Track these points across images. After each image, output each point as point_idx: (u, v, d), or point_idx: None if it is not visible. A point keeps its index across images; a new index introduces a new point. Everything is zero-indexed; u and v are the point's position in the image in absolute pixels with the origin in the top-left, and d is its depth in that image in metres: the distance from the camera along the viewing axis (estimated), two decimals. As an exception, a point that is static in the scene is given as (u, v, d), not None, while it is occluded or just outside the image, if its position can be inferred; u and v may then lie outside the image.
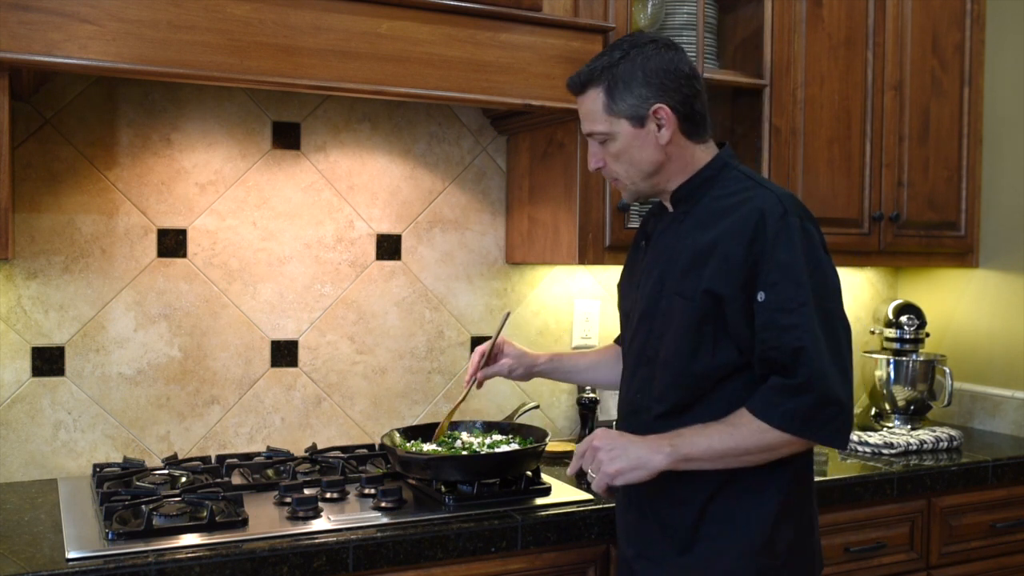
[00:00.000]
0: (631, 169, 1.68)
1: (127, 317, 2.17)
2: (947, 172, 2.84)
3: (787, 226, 1.55)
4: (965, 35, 2.86)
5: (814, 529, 1.69)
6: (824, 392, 1.52)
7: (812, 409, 1.52)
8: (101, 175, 2.15)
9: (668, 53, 1.65)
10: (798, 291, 1.53)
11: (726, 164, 1.69)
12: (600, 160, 1.70)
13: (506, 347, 1.99)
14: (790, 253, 1.54)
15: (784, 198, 1.59)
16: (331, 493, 1.92)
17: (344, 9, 1.90)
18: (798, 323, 1.52)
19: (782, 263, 1.53)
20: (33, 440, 2.10)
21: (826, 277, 1.58)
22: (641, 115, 1.63)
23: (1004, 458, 2.49)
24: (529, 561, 1.85)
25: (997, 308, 2.90)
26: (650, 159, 1.66)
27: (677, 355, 1.63)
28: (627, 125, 1.64)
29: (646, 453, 1.54)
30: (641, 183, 1.69)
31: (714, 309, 1.58)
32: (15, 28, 1.64)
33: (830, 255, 1.63)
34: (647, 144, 1.65)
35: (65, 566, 1.52)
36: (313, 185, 2.35)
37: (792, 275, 1.53)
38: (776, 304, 1.53)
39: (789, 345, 1.52)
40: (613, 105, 1.63)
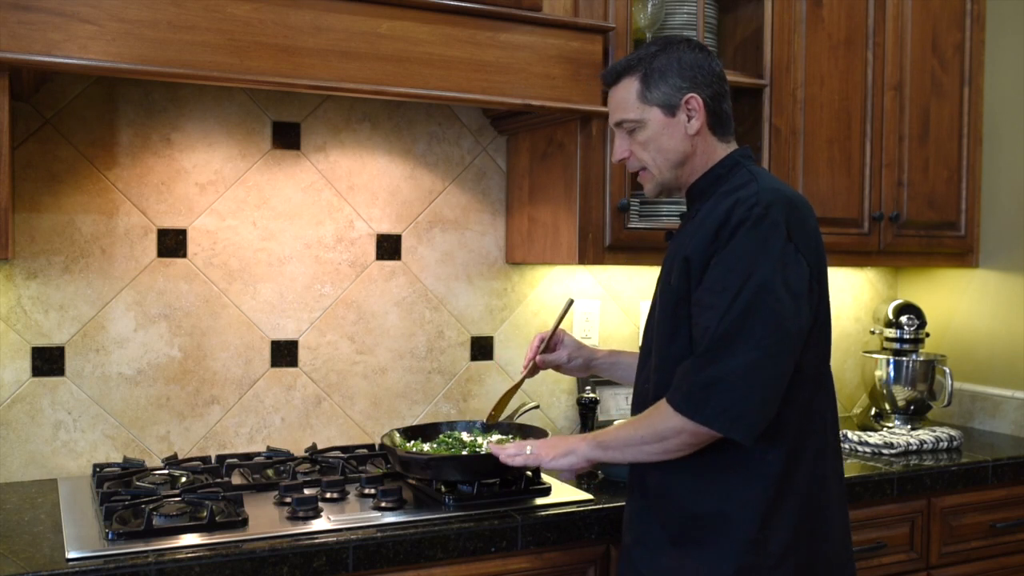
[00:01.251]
0: (659, 157, 1.72)
1: (127, 317, 2.17)
2: (947, 172, 2.84)
3: (751, 215, 1.55)
4: (965, 35, 2.86)
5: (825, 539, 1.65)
6: (713, 376, 1.50)
7: (704, 391, 1.51)
8: (101, 175, 2.15)
9: (700, 52, 1.72)
10: (728, 276, 1.54)
11: (737, 163, 1.71)
12: (626, 151, 1.75)
13: (565, 337, 2.02)
14: (742, 239, 1.55)
15: (764, 191, 1.59)
16: (331, 493, 1.92)
17: (344, 9, 1.90)
18: (714, 304, 1.53)
19: (730, 248, 1.55)
20: (33, 440, 2.10)
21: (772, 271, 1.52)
22: (674, 104, 1.68)
23: (1004, 458, 2.49)
24: (529, 561, 1.85)
25: (997, 308, 2.91)
26: (678, 148, 1.70)
27: (661, 341, 1.68)
28: (659, 113, 1.69)
29: (575, 442, 1.72)
30: (667, 173, 1.73)
31: (687, 292, 1.62)
32: (15, 28, 1.64)
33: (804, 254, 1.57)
34: (676, 133, 1.69)
35: (65, 566, 1.52)
36: (313, 185, 2.35)
37: (731, 261, 1.54)
38: (708, 284, 1.57)
39: (702, 324, 1.55)
40: (647, 93, 1.69)
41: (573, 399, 2.66)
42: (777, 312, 1.52)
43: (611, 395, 2.67)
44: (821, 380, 1.66)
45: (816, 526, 1.65)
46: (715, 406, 1.51)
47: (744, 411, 1.51)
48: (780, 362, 1.53)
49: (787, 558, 1.60)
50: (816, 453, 1.65)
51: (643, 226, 2.33)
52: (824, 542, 1.66)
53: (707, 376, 1.51)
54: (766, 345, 1.51)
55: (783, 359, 1.54)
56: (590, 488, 2.06)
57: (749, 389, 1.50)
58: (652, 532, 1.68)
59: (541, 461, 1.75)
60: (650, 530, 1.69)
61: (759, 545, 1.58)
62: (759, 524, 1.58)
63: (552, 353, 2.00)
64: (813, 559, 1.64)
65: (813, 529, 1.64)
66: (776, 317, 1.52)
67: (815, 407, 1.64)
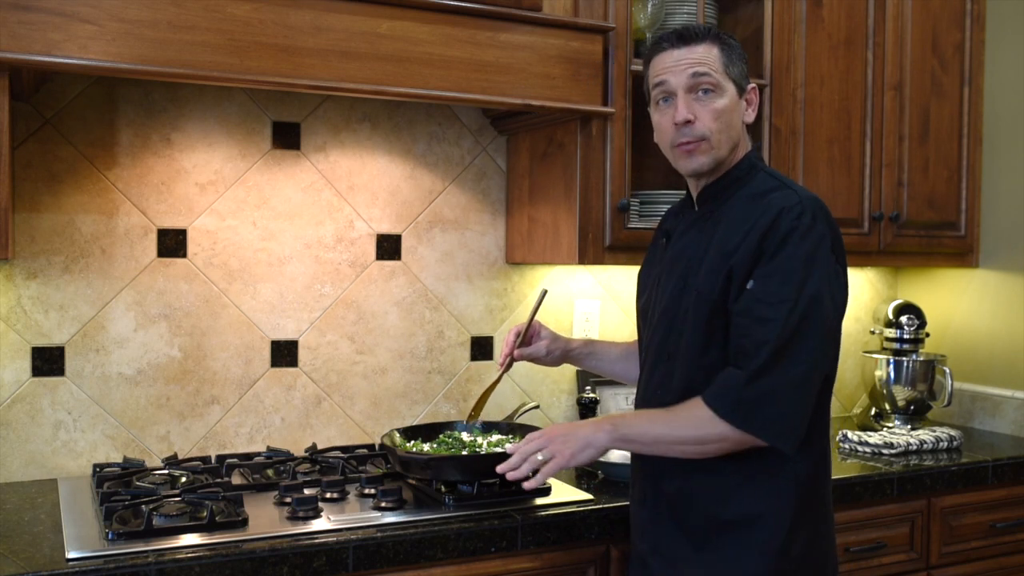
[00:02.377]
0: (725, 132, 1.66)
1: (127, 317, 2.17)
2: (947, 172, 2.84)
3: (799, 225, 1.55)
4: (965, 35, 2.86)
5: (830, 531, 1.69)
6: (772, 389, 1.51)
7: (756, 402, 1.51)
8: (101, 175, 2.15)
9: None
10: (783, 288, 1.52)
11: (754, 165, 1.70)
12: (690, 113, 1.64)
13: (542, 330, 2.00)
14: (793, 249, 1.54)
15: (806, 199, 1.60)
16: (331, 493, 1.92)
17: (344, 9, 1.90)
18: (773, 318, 1.52)
19: (781, 258, 1.54)
20: (33, 440, 2.10)
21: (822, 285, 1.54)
22: (743, 86, 1.69)
23: (1004, 458, 2.49)
24: (529, 561, 1.85)
25: (997, 308, 2.90)
26: (737, 131, 1.69)
27: (692, 350, 1.64)
28: (734, 89, 1.67)
29: (591, 432, 1.62)
30: (724, 150, 1.67)
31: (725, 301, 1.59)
32: (15, 28, 1.64)
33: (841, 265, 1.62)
34: (738, 116, 1.69)
35: (65, 566, 1.52)
36: (313, 185, 2.35)
37: (788, 271, 1.53)
38: (760, 295, 1.54)
39: (757, 337, 1.52)
40: (730, 65, 1.66)
41: (573, 399, 2.66)
42: (825, 324, 1.55)
43: (611, 395, 2.67)
44: (830, 384, 1.67)
45: (828, 526, 1.68)
46: (766, 417, 1.52)
47: (793, 423, 1.53)
48: (823, 373, 1.57)
49: (807, 560, 1.61)
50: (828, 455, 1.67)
51: (643, 226, 2.33)
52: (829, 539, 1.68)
53: (760, 388, 1.51)
54: (814, 358, 1.53)
55: (824, 370, 1.58)
56: (590, 488, 2.06)
57: (799, 401, 1.53)
58: (672, 540, 1.67)
59: (562, 465, 1.63)
60: (669, 538, 1.67)
61: (784, 550, 1.59)
62: (788, 530, 1.58)
63: (530, 346, 1.98)
64: (825, 553, 1.66)
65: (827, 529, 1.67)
66: (824, 329, 1.55)
67: (826, 410, 1.66)
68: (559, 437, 1.64)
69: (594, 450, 1.62)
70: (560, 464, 1.62)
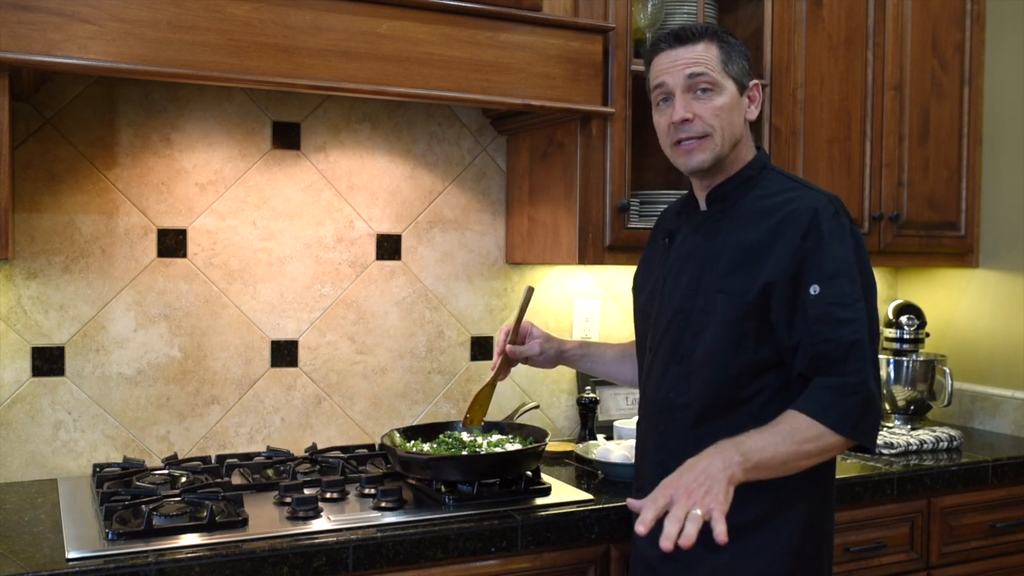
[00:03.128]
0: (729, 129, 1.65)
1: (127, 317, 2.17)
2: (947, 172, 2.84)
3: (839, 225, 1.58)
4: (965, 35, 2.86)
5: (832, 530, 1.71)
6: (872, 393, 1.53)
7: (862, 410, 1.52)
8: (101, 175, 2.15)
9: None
10: (854, 287, 1.55)
11: (765, 165, 1.71)
12: (689, 112, 1.63)
13: (533, 329, 1.99)
14: (845, 250, 1.57)
15: (833, 199, 1.63)
16: (331, 493, 1.92)
17: (344, 9, 1.90)
18: (855, 317, 1.54)
19: (839, 259, 1.56)
20: (33, 440, 2.10)
21: (872, 280, 1.61)
22: (744, 84, 1.68)
23: (1004, 458, 2.49)
24: (529, 561, 1.85)
25: (997, 308, 2.90)
26: (739, 128, 1.68)
27: (716, 352, 1.62)
28: (733, 87, 1.67)
29: (722, 468, 1.40)
30: (727, 146, 1.66)
31: (761, 304, 1.58)
32: (15, 28, 1.64)
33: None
34: (740, 113, 1.68)
35: (65, 566, 1.52)
36: (313, 185, 2.35)
37: (848, 271, 1.56)
38: (833, 298, 1.54)
39: (845, 339, 1.52)
40: (728, 64, 1.66)
41: (573, 399, 2.66)
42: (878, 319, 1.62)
43: (611, 395, 2.67)
44: None
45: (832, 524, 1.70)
46: (869, 423, 1.54)
47: (879, 424, 1.57)
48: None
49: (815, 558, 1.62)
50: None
51: (643, 226, 2.33)
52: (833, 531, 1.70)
53: (864, 396, 1.52)
54: (878, 351, 1.59)
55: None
56: (590, 488, 2.06)
57: (880, 397, 1.57)
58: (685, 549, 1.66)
59: (724, 512, 1.37)
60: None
61: (800, 550, 1.59)
62: (803, 530, 1.59)
63: (523, 347, 1.95)
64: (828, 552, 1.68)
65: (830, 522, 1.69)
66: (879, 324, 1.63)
67: None
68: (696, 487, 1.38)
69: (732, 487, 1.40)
70: (724, 512, 1.37)
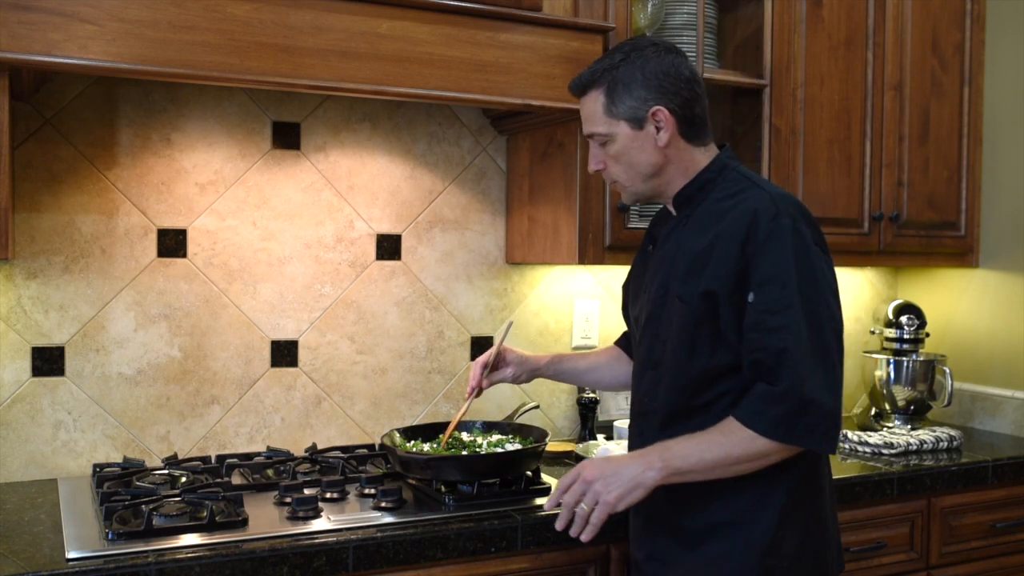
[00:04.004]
0: (630, 171, 1.69)
1: (127, 317, 2.17)
2: (947, 172, 2.84)
3: (778, 227, 1.54)
4: (965, 35, 2.86)
5: (826, 529, 1.68)
6: (806, 397, 1.51)
7: (795, 415, 1.51)
8: (101, 175, 2.15)
9: (668, 56, 1.66)
10: (784, 292, 1.52)
11: (725, 166, 1.70)
12: (600, 162, 1.72)
13: (508, 355, 2.00)
14: (779, 254, 1.53)
15: (778, 198, 1.59)
16: (331, 493, 1.92)
17: (344, 9, 1.90)
18: (783, 324, 1.51)
19: (771, 264, 1.54)
20: (33, 440, 2.10)
21: (817, 279, 1.56)
22: (640, 117, 1.64)
23: (1004, 458, 2.49)
24: (529, 561, 1.85)
25: (997, 308, 2.90)
26: (649, 161, 1.67)
27: (677, 358, 1.64)
28: (626, 127, 1.65)
29: (639, 471, 1.54)
30: (640, 185, 1.70)
31: (710, 310, 1.59)
32: (15, 28, 1.64)
33: (829, 255, 1.63)
34: (646, 146, 1.66)
35: (65, 566, 1.52)
36: (313, 185, 2.35)
37: (780, 276, 1.53)
38: (763, 305, 1.54)
39: (774, 347, 1.52)
40: (613, 107, 1.65)
41: (573, 399, 2.66)
42: (834, 319, 1.57)
43: (611, 395, 2.67)
44: None
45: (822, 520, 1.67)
46: (806, 427, 1.52)
47: (831, 425, 1.53)
48: (842, 365, 1.58)
49: (801, 555, 1.61)
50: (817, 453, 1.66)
51: (643, 226, 2.33)
52: (826, 531, 1.68)
53: (799, 400, 1.51)
54: (836, 356, 1.55)
55: (842, 361, 1.59)
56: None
57: (833, 403, 1.53)
58: (664, 544, 1.68)
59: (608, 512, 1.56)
60: (662, 543, 1.68)
61: (775, 547, 1.59)
62: (776, 528, 1.59)
63: (498, 372, 1.99)
64: (822, 551, 1.66)
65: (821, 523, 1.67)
66: (834, 323, 1.57)
67: None
68: (600, 479, 1.56)
69: (643, 492, 1.54)
70: (607, 512, 1.55)
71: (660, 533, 1.68)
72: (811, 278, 1.55)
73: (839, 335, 1.58)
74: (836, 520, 1.75)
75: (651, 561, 1.70)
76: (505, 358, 2.00)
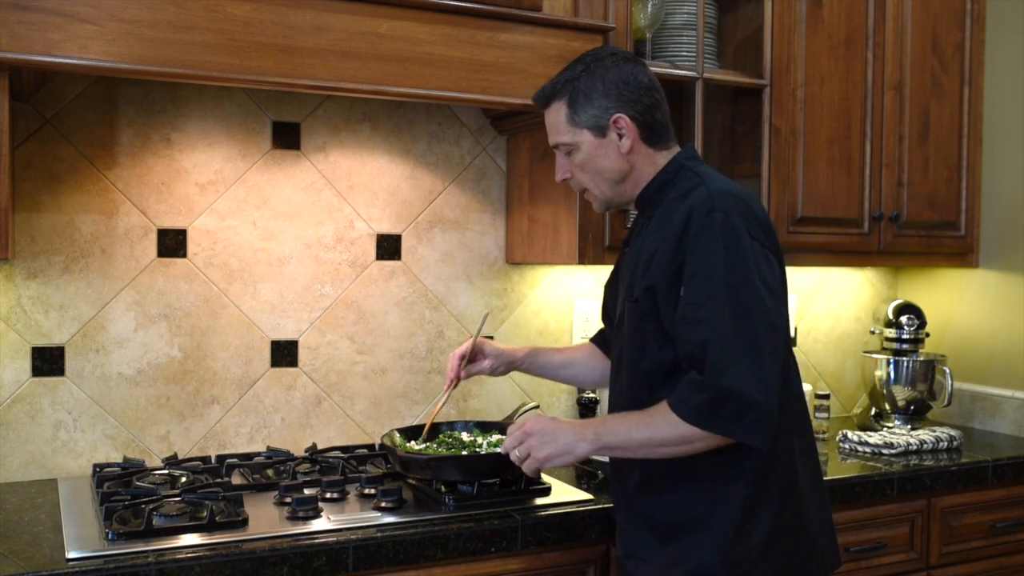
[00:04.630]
0: (596, 178, 1.74)
1: (127, 317, 2.17)
2: (947, 172, 2.84)
3: (710, 221, 1.56)
4: (965, 35, 2.86)
5: (807, 524, 1.67)
6: (727, 387, 1.51)
7: (716, 404, 1.52)
8: (101, 175, 2.15)
9: (627, 65, 1.71)
10: (709, 285, 1.54)
11: (681, 166, 1.73)
12: (567, 171, 1.77)
13: (485, 347, 2.02)
14: (707, 247, 1.56)
15: (716, 193, 1.61)
16: (331, 493, 1.92)
17: (344, 9, 1.90)
18: (705, 317, 1.53)
19: (698, 258, 1.56)
20: (33, 440, 2.10)
21: (747, 272, 1.55)
22: (602, 125, 1.69)
23: (1004, 458, 2.49)
24: (529, 561, 1.85)
25: (997, 308, 2.90)
26: (614, 167, 1.72)
27: (631, 355, 1.70)
28: (589, 135, 1.70)
29: (572, 440, 1.63)
30: (608, 191, 1.76)
31: (652, 307, 1.63)
32: (15, 28, 1.64)
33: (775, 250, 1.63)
34: (610, 153, 1.71)
35: (65, 566, 1.52)
36: (313, 185, 2.35)
37: (705, 270, 1.55)
38: (689, 298, 1.56)
39: (697, 338, 1.54)
40: (575, 116, 1.71)
41: (573, 399, 2.66)
42: (764, 311, 1.55)
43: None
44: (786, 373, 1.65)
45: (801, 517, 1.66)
46: (729, 416, 1.51)
47: (758, 416, 1.51)
48: (778, 358, 1.56)
49: (770, 550, 1.60)
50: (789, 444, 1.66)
51: (643, 226, 2.33)
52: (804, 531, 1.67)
53: (717, 389, 1.51)
54: (763, 345, 1.53)
55: (779, 355, 1.57)
56: (590, 488, 2.06)
57: (760, 394, 1.51)
58: (642, 541, 1.70)
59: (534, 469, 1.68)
60: (640, 540, 1.71)
61: (740, 540, 1.59)
62: (739, 521, 1.59)
63: (475, 364, 2.01)
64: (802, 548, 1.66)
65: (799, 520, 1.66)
66: (765, 316, 1.55)
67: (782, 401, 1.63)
68: (537, 434, 1.66)
69: (573, 458, 1.65)
70: (532, 468, 1.67)
71: (637, 529, 1.71)
72: (741, 271, 1.55)
73: (774, 328, 1.56)
74: (826, 516, 1.74)
75: (631, 558, 1.73)
76: (483, 350, 2.02)
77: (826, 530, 1.74)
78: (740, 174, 2.61)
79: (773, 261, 1.61)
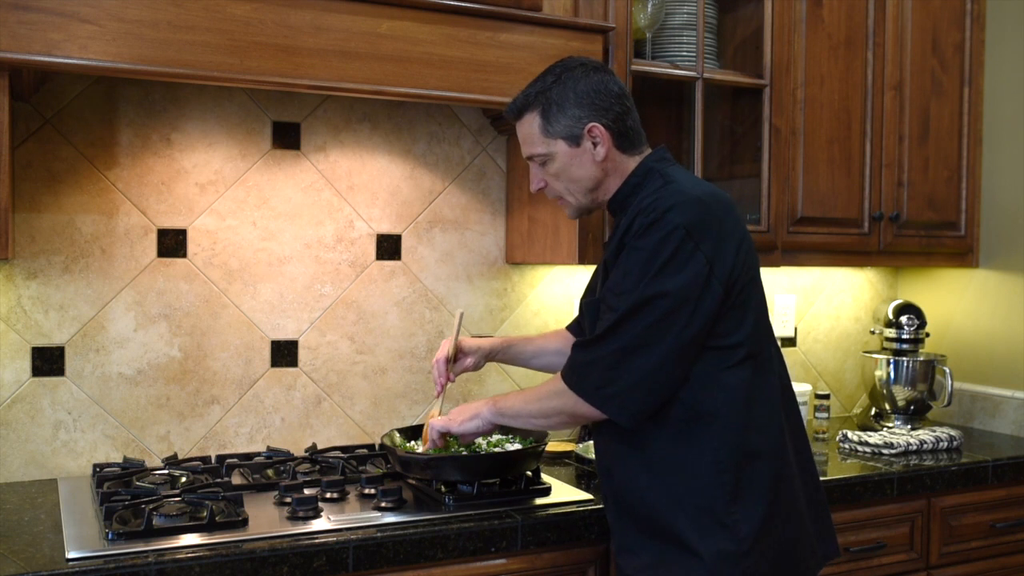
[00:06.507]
0: (572, 186, 1.76)
1: (127, 317, 2.17)
2: (947, 172, 2.84)
3: (649, 220, 1.59)
4: (965, 35, 2.87)
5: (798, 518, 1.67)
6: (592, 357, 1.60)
7: (582, 368, 1.62)
8: (101, 175, 2.15)
9: (597, 75, 1.73)
10: (625, 279, 1.59)
11: (650, 169, 1.74)
12: (541, 181, 1.79)
13: (464, 345, 2.04)
14: (641, 244, 1.59)
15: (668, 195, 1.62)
16: (331, 493, 1.92)
17: (344, 9, 1.90)
18: (615, 307, 1.59)
19: (628, 253, 1.61)
20: (33, 440, 2.10)
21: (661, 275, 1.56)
22: (576, 134, 1.71)
23: (1004, 458, 2.49)
24: (529, 561, 1.85)
25: (997, 308, 2.91)
26: (589, 175, 1.74)
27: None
28: (564, 145, 1.72)
29: (479, 407, 1.81)
30: (582, 199, 1.78)
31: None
32: (15, 28, 1.64)
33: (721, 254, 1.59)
34: (584, 162, 1.73)
35: (65, 566, 1.52)
36: (313, 185, 2.35)
37: (631, 265, 1.60)
38: (609, 286, 1.65)
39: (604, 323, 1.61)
40: (549, 127, 1.72)
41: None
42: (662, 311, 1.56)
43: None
44: (759, 365, 1.65)
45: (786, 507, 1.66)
46: (591, 383, 1.61)
47: (617, 392, 1.59)
48: (655, 356, 1.56)
49: (761, 540, 1.60)
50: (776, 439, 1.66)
51: (643, 226, 2.33)
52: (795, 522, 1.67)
53: (586, 356, 1.62)
54: (641, 336, 1.57)
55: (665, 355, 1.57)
56: (590, 488, 2.06)
57: (620, 372, 1.58)
58: (631, 537, 1.71)
59: (451, 427, 1.83)
60: (629, 536, 1.71)
61: (729, 531, 1.59)
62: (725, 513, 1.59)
63: (459, 364, 2.04)
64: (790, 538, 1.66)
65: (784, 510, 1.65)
66: (658, 315, 1.56)
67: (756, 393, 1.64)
68: (457, 410, 1.86)
69: (480, 421, 1.80)
70: (445, 424, 1.84)
71: (625, 527, 1.72)
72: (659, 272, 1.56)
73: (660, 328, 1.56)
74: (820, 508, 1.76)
75: (622, 553, 1.74)
76: (463, 349, 2.03)
77: (819, 520, 1.74)
78: (740, 174, 2.61)
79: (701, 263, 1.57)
